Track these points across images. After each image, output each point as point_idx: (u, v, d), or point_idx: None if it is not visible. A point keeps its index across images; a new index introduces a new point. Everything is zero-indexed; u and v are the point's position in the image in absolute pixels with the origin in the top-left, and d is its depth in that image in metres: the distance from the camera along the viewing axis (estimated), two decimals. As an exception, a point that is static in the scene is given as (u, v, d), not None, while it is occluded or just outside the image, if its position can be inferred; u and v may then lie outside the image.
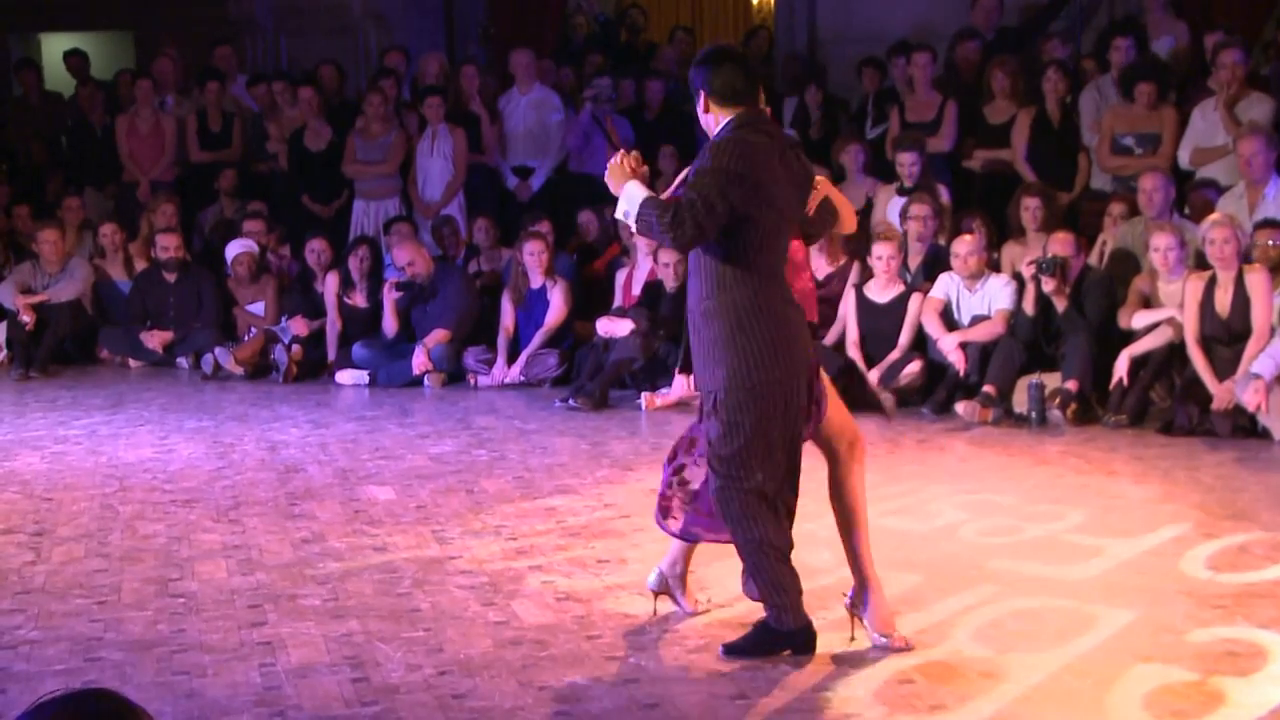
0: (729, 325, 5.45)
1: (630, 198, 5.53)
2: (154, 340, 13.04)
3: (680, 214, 5.33)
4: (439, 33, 16.73)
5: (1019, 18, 13.88)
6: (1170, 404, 9.71)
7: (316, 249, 12.99)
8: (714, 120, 5.57)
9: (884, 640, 5.66)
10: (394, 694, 5.27)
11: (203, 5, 17.35)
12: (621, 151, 5.71)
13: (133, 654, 5.76)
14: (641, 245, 11.82)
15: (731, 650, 5.62)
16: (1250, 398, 9.12)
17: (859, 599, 5.74)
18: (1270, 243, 9.88)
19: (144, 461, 9.25)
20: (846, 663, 5.49)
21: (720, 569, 6.44)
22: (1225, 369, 9.46)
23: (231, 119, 14.68)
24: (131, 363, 13.17)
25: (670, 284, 11.41)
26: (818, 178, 5.84)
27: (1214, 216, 9.80)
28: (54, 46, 18.28)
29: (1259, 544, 6.95)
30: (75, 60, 16.08)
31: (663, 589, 6.14)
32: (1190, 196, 11.10)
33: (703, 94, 5.56)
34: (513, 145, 13.84)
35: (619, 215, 5.62)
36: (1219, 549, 6.88)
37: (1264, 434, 9.21)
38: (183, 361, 12.94)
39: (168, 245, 13.13)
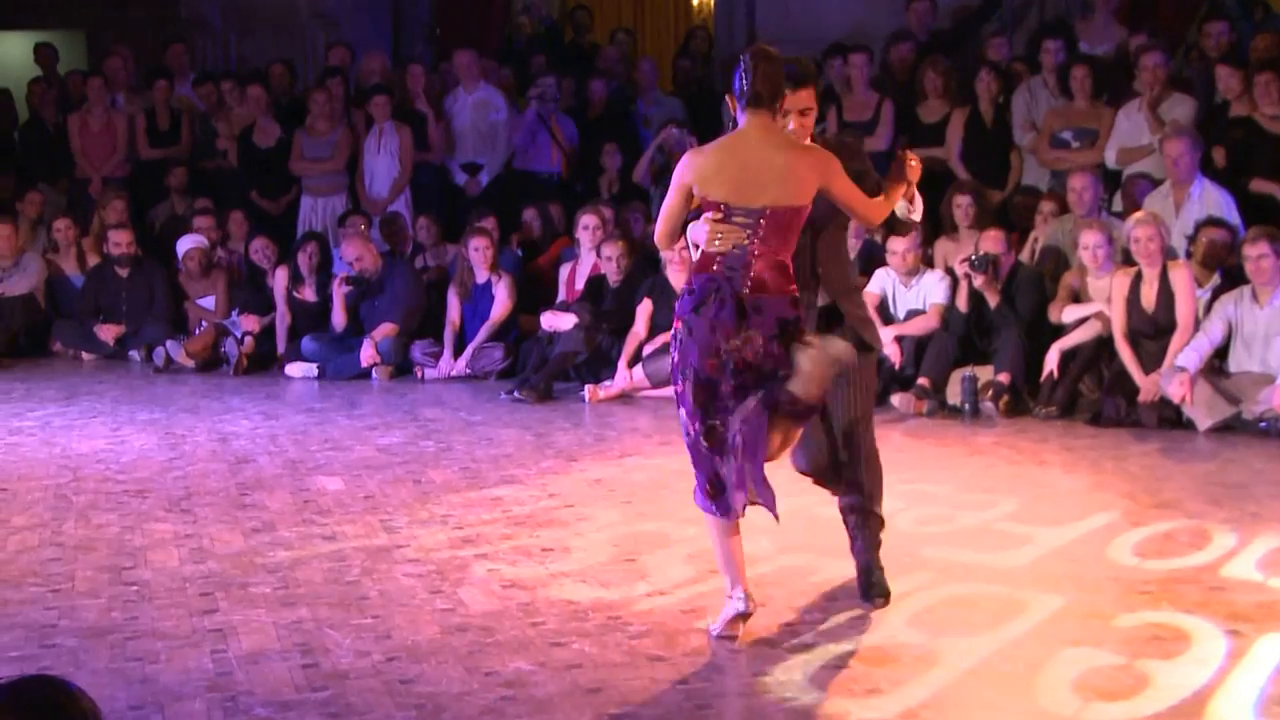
0: None
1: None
2: (106, 333, 13.11)
3: None
4: (386, 33, 16.75)
5: (951, 20, 13.96)
6: (1099, 396, 9.80)
7: (259, 247, 13.09)
8: None
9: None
10: (343, 679, 5.32)
11: (155, 5, 17.39)
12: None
13: (86, 641, 5.78)
14: (585, 241, 11.90)
15: None
16: (1175, 390, 9.32)
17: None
18: (1211, 240, 10.00)
19: (97, 452, 9.25)
20: (785, 648, 5.58)
21: (663, 556, 6.61)
22: (1151, 362, 9.62)
23: (180, 116, 14.73)
24: (84, 355, 13.22)
25: (614, 279, 11.51)
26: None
27: (1139, 215, 9.93)
28: (6, 46, 18.23)
29: (1183, 531, 7.07)
30: (46, 53, 16.09)
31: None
32: (1125, 185, 11.19)
33: None
34: (460, 143, 13.88)
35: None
36: (1145, 536, 6.99)
37: (1189, 425, 9.38)
38: (135, 354, 12.97)
39: (120, 241, 13.20)
